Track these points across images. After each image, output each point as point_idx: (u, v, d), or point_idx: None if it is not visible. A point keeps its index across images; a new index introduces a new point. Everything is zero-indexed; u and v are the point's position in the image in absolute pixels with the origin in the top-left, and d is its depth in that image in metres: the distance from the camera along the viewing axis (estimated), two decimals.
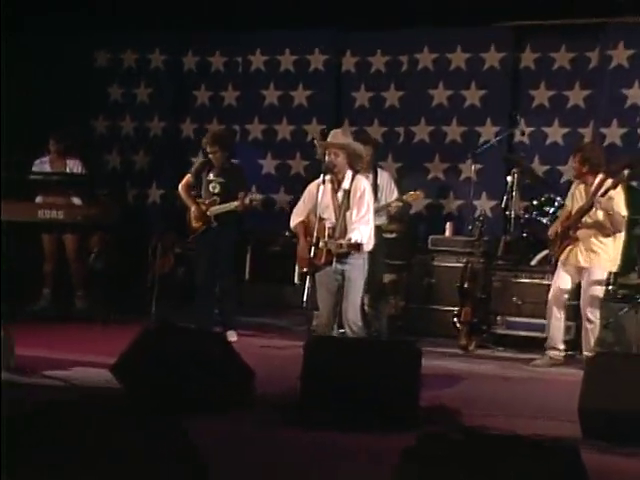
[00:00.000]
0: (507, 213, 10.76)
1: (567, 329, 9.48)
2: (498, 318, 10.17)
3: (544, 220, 10.45)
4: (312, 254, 7.52)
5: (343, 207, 7.70)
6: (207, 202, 10.16)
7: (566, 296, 9.24)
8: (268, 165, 12.78)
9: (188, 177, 10.39)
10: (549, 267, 9.78)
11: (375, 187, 9.78)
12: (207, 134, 10.52)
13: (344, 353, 6.82)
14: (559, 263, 9.28)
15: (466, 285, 9.97)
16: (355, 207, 7.66)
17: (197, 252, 10.42)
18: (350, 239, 7.36)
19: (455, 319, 10.02)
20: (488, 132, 11.70)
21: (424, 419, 6.61)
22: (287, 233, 11.68)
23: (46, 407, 4.47)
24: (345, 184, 7.74)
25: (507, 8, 11.02)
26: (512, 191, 10.71)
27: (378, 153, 11.68)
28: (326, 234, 7.60)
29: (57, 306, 11.65)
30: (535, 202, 10.67)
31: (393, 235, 10.22)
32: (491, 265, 10.35)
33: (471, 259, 10.11)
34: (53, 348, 8.99)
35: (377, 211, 9.62)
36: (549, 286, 9.54)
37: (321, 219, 7.58)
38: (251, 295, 12.03)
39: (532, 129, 11.46)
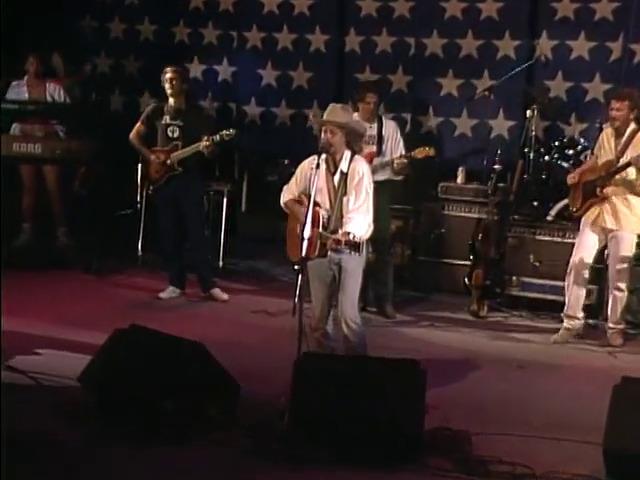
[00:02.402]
0: (526, 150, 9.77)
1: (588, 293, 8.66)
2: (513, 279, 9.29)
3: (565, 164, 9.53)
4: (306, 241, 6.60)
5: (340, 192, 6.77)
6: (166, 149, 9.11)
7: (590, 261, 8.37)
8: (268, 76, 11.76)
9: (139, 125, 9.29)
10: (570, 223, 8.92)
11: (379, 138, 8.87)
12: (165, 69, 9.21)
13: (339, 375, 6.03)
14: (582, 223, 8.40)
15: (478, 244, 9.07)
16: (352, 193, 6.73)
17: (159, 206, 9.31)
18: (347, 233, 6.46)
19: (466, 279, 9.16)
20: (507, 46, 10.61)
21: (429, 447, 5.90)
22: (286, 161, 11.05)
23: None
24: (342, 166, 6.80)
25: None
26: (531, 129, 9.75)
27: (387, 63, 10.98)
28: (320, 223, 6.69)
29: (38, 243, 10.85)
30: (556, 143, 9.70)
31: (400, 178, 9.22)
32: (506, 220, 9.40)
33: (484, 214, 9.18)
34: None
35: (381, 167, 8.77)
36: (569, 245, 8.72)
37: (315, 203, 6.68)
38: (248, 228, 11.33)
39: (555, 42, 10.41)
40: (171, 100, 9.12)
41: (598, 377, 7.36)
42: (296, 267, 6.42)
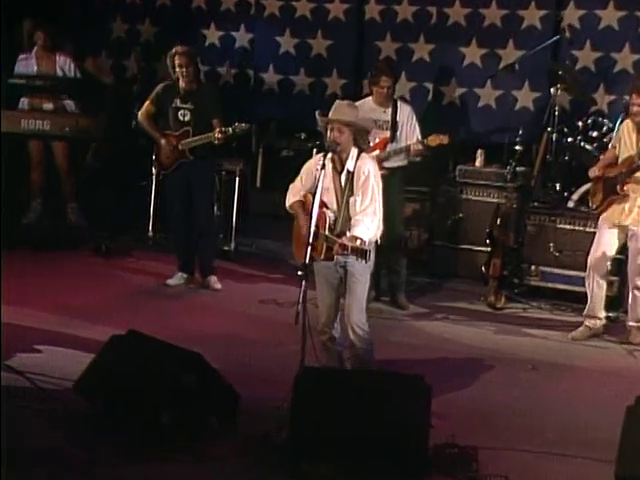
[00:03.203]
0: (549, 130, 9.43)
1: (610, 284, 8.36)
2: (532, 268, 8.99)
3: (588, 147, 9.25)
4: (309, 246, 6.34)
5: (346, 192, 6.47)
6: (177, 134, 8.79)
7: (609, 261, 8.08)
8: (286, 43, 11.44)
9: (147, 105, 8.93)
10: (591, 212, 8.55)
11: (394, 123, 8.53)
12: (175, 49, 8.83)
13: (340, 392, 5.78)
14: (601, 221, 8.09)
15: (495, 232, 8.76)
16: (359, 194, 6.43)
17: (169, 191, 9.03)
18: (355, 238, 6.17)
19: (483, 268, 8.86)
20: (532, 16, 10.24)
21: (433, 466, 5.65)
22: (302, 136, 10.77)
23: None
24: (349, 165, 6.49)
25: None
26: (554, 108, 9.43)
27: (408, 31, 10.66)
28: (327, 225, 6.41)
29: (48, 221, 10.63)
30: (580, 123, 9.37)
31: (417, 159, 8.89)
32: (526, 206, 9.08)
33: (503, 200, 8.87)
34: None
35: (395, 153, 8.46)
36: (591, 235, 8.39)
37: (321, 204, 6.39)
38: (262, 204, 10.93)
39: (583, 12, 10.05)
40: (182, 82, 8.77)
41: (616, 381, 7.14)
42: (299, 273, 6.14)
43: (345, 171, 6.50)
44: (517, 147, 9.48)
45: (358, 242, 6.14)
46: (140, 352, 6.19)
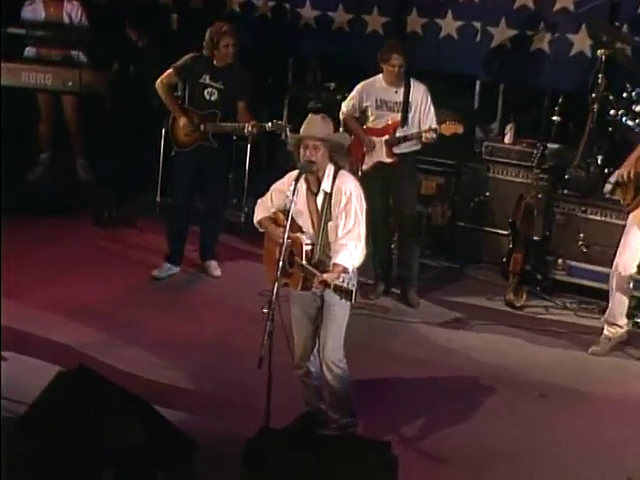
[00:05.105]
0: (593, 95, 8.57)
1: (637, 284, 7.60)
2: (558, 262, 8.21)
3: (630, 123, 8.38)
4: (282, 273, 5.67)
5: (324, 216, 5.73)
6: (202, 114, 8.05)
7: (635, 264, 7.27)
8: None
9: (171, 74, 8.09)
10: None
11: (406, 105, 7.71)
12: (219, 23, 8.07)
13: (297, 462, 5.15)
14: (629, 221, 7.30)
15: (518, 224, 7.96)
16: (341, 217, 5.68)
17: (179, 169, 8.32)
18: (337, 270, 5.47)
19: (504, 260, 8.09)
20: None
21: None
22: (331, 86, 10.14)
23: None
24: (325, 185, 5.72)
25: None
26: (599, 75, 8.57)
27: None
28: (303, 253, 5.70)
29: (51, 179, 10.12)
30: (624, 95, 8.46)
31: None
32: (554, 193, 8.27)
33: (529, 188, 8.07)
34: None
35: (405, 139, 7.69)
36: (623, 228, 7.52)
37: (294, 227, 5.69)
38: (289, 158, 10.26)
39: None
40: (217, 60, 8.03)
41: (635, 413, 6.46)
42: (265, 310, 5.46)
43: (321, 192, 5.76)
44: (555, 117, 8.64)
45: (341, 280, 5.44)
46: (85, 396, 5.61)
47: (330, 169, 5.75)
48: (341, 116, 8.03)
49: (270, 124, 7.92)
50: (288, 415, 6.05)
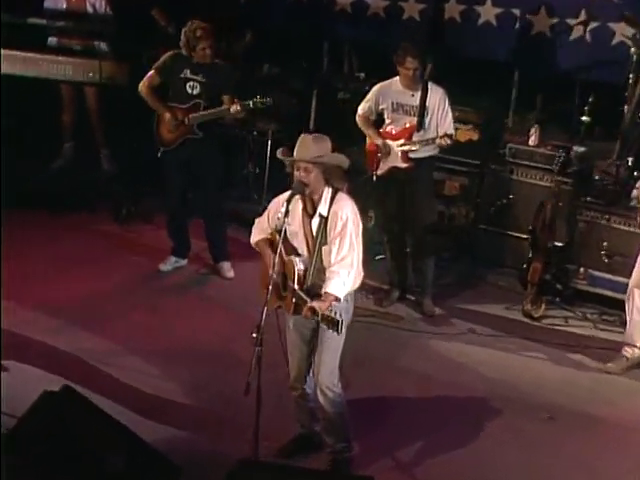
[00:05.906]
0: (626, 94, 8.28)
1: None
2: (580, 271, 7.93)
3: None
4: (276, 296, 5.54)
5: (319, 239, 5.52)
6: (185, 107, 7.86)
7: None
8: None
9: (152, 75, 7.91)
10: None
11: (422, 109, 7.45)
12: (194, 24, 7.81)
13: None
14: None
15: (538, 232, 7.69)
16: (335, 242, 5.47)
17: (168, 169, 8.10)
18: (327, 298, 5.31)
19: (524, 266, 7.83)
20: None
21: None
22: (361, 76, 10.07)
23: None
24: (321, 209, 5.52)
25: None
26: (632, 73, 8.33)
27: None
28: (295, 277, 5.51)
29: (79, 168, 10.01)
30: None
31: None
32: (577, 201, 7.97)
33: (551, 195, 7.78)
34: None
35: (421, 145, 7.46)
36: None
37: (289, 248, 5.51)
38: None
39: None
40: (197, 56, 7.84)
41: None
42: (254, 335, 5.29)
43: (317, 215, 5.56)
44: (584, 117, 8.35)
45: (329, 310, 5.29)
46: (67, 419, 5.51)
47: (328, 192, 5.54)
48: (357, 118, 7.80)
49: (251, 103, 7.70)
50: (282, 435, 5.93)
